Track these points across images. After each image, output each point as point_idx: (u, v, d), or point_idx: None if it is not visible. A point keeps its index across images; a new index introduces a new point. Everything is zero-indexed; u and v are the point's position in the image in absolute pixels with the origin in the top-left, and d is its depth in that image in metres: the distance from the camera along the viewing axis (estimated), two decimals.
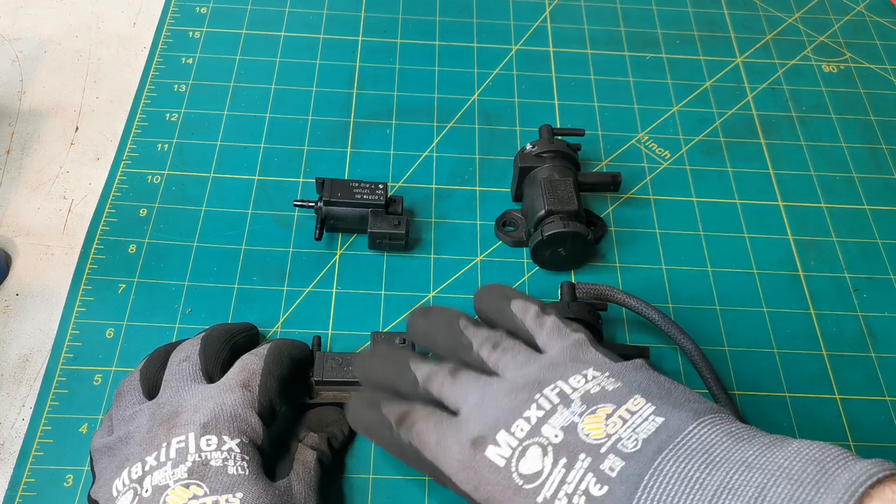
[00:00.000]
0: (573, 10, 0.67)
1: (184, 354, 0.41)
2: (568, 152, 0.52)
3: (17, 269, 0.50)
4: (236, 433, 0.37)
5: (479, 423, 0.34)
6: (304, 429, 0.42)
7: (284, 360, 0.42)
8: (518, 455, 0.33)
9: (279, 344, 0.43)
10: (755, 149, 0.59)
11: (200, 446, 0.36)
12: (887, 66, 0.65)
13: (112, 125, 0.58)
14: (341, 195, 0.50)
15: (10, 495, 0.41)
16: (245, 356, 0.41)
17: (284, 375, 0.41)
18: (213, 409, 0.37)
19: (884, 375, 0.49)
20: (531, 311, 0.39)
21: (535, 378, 0.35)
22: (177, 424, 0.37)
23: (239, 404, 0.38)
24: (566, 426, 0.33)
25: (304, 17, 0.65)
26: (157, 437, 0.36)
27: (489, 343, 0.38)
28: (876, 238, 0.55)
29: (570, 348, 0.36)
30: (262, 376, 0.40)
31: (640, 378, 0.34)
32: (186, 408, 0.38)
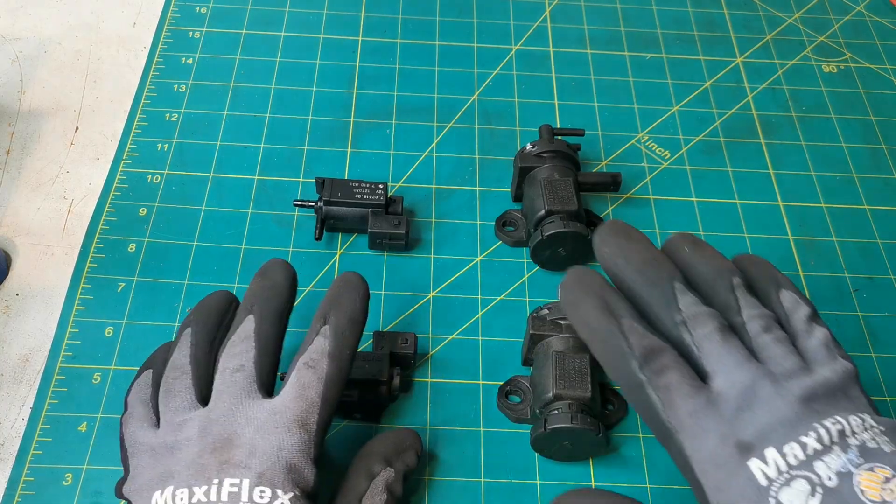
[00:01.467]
0: (573, 10, 0.67)
1: (237, 362, 0.38)
2: (568, 152, 0.52)
3: (17, 269, 0.50)
4: (290, 486, 0.35)
5: (748, 422, 0.31)
6: (378, 458, 0.39)
7: (345, 372, 0.38)
8: (783, 482, 0.30)
9: (341, 347, 0.38)
10: (755, 149, 0.59)
11: (254, 497, 0.34)
12: (887, 66, 0.65)
13: (112, 125, 0.58)
14: (341, 195, 0.50)
15: (10, 494, 0.41)
16: (302, 371, 0.37)
17: (342, 390, 0.38)
18: (269, 454, 0.35)
19: (884, 375, 0.49)
20: (803, 312, 0.35)
21: (812, 394, 0.32)
22: (230, 462, 0.35)
23: (296, 451, 0.35)
24: (842, 472, 0.30)
25: (304, 17, 0.65)
26: (208, 467, 0.34)
27: (761, 321, 0.34)
28: (876, 238, 0.55)
29: (843, 376, 0.33)
30: (321, 409, 0.37)
31: None
32: (242, 439, 0.35)
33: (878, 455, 0.30)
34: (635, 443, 0.45)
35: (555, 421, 0.41)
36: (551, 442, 0.43)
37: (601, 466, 0.44)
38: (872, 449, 0.30)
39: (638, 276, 0.36)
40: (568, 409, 0.42)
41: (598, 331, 0.34)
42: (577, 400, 0.42)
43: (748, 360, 0.33)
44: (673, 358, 0.33)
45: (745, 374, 0.32)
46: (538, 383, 0.44)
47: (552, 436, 0.42)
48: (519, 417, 0.45)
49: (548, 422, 0.42)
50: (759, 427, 0.31)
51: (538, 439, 0.42)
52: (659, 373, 0.32)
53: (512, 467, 0.44)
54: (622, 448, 0.45)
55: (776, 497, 0.30)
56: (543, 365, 0.44)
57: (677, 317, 0.34)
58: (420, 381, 0.47)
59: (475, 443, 0.45)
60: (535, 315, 0.46)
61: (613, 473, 0.44)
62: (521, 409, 0.46)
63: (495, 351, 0.48)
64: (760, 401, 0.32)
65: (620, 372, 0.33)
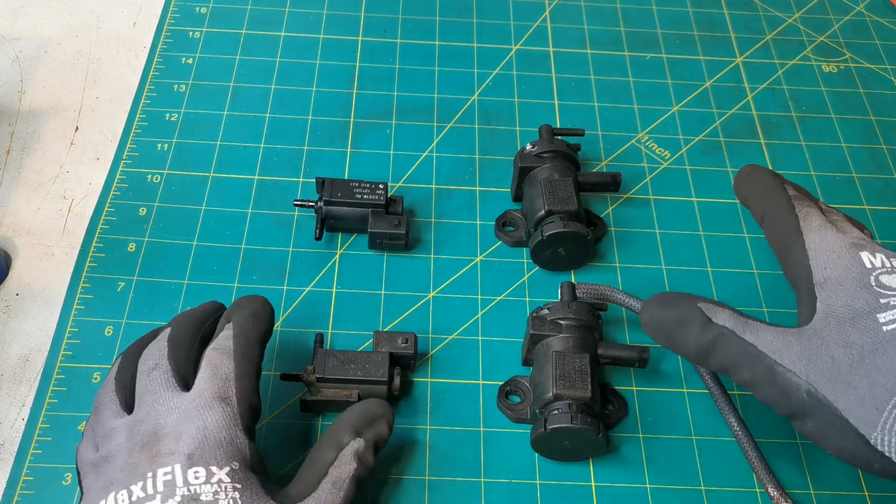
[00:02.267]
0: (573, 10, 0.67)
1: (152, 362, 0.38)
2: (568, 152, 0.52)
3: (17, 269, 0.50)
4: (224, 460, 0.35)
5: (864, 241, 0.39)
6: (346, 428, 0.39)
7: (254, 349, 0.39)
8: (886, 270, 0.37)
9: (243, 326, 0.40)
10: (755, 149, 0.59)
11: (188, 479, 0.34)
12: (887, 66, 0.65)
13: (112, 125, 0.58)
14: (341, 195, 0.50)
15: (9, 493, 0.41)
16: (210, 354, 0.39)
17: (258, 366, 0.39)
18: (195, 435, 0.35)
19: None
20: None
21: None
22: (160, 453, 0.35)
23: (222, 426, 0.36)
24: None
25: (304, 17, 0.65)
26: (140, 464, 0.35)
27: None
28: (876, 238, 0.55)
29: None
30: (237, 381, 0.38)
31: None
32: (166, 429, 0.36)
33: None
34: (635, 443, 0.45)
35: (555, 421, 0.41)
36: (551, 442, 0.42)
37: (601, 466, 0.44)
38: None
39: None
40: (568, 409, 0.42)
41: (768, 181, 0.43)
42: (577, 400, 0.42)
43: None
44: (814, 203, 0.42)
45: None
46: (538, 383, 0.44)
47: (552, 436, 0.42)
48: (519, 417, 0.45)
49: (548, 422, 0.42)
50: (872, 244, 0.39)
51: (538, 439, 0.42)
52: (803, 205, 0.41)
53: (512, 467, 0.44)
54: (622, 448, 0.45)
55: (877, 277, 0.36)
56: (543, 365, 0.44)
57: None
58: (420, 381, 0.47)
59: (475, 443, 0.45)
60: (535, 315, 0.46)
61: (613, 473, 0.44)
62: (521, 409, 0.46)
63: (495, 351, 0.48)
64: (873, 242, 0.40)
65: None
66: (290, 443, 0.44)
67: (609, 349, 0.45)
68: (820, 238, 0.39)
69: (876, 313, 0.35)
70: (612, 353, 0.45)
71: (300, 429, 0.45)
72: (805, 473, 0.45)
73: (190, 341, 0.40)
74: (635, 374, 0.48)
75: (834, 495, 0.44)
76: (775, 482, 0.43)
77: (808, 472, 0.45)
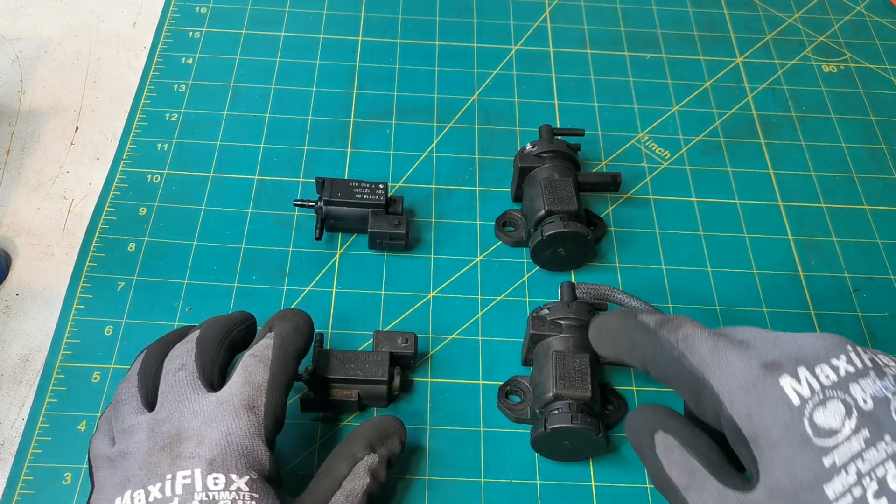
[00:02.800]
0: (573, 10, 0.67)
1: (179, 362, 0.38)
2: (568, 152, 0.52)
3: (17, 269, 0.50)
4: (245, 469, 0.35)
5: (773, 349, 0.31)
6: (361, 443, 0.39)
7: (291, 363, 0.39)
8: (817, 402, 0.29)
9: (285, 343, 0.40)
10: (755, 149, 0.59)
11: (208, 485, 0.34)
12: (887, 66, 0.65)
13: (112, 125, 0.58)
14: (341, 195, 0.50)
15: (9, 493, 0.41)
16: (248, 360, 0.38)
17: (291, 380, 0.39)
18: (218, 441, 0.35)
19: None
20: None
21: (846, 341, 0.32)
22: (181, 455, 0.35)
23: (245, 434, 0.36)
24: (878, 397, 0.29)
25: (304, 17, 0.65)
26: (160, 464, 0.35)
27: None
28: (876, 238, 0.55)
29: None
30: (268, 392, 0.37)
31: None
32: (189, 432, 0.36)
33: None
34: None
35: (555, 421, 0.41)
36: (551, 442, 0.42)
37: (601, 466, 0.44)
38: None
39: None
40: (568, 409, 0.42)
41: (617, 327, 0.37)
42: (578, 400, 0.42)
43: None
44: (685, 318, 0.35)
45: (760, 333, 0.33)
46: (538, 383, 0.44)
47: (552, 436, 0.42)
48: (519, 417, 0.45)
49: (548, 422, 0.42)
50: (786, 351, 0.31)
51: (538, 439, 0.42)
52: (676, 328, 0.34)
53: (512, 467, 0.44)
54: (622, 448, 0.45)
55: (810, 417, 0.29)
56: (543, 365, 0.44)
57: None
58: (420, 381, 0.47)
59: (475, 443, 0.45)
60: (535, 315, 0.46)
61: (613, 473, 0.44)
62: (522, 409, 0.46)
63: (495, 351, 0.48)
64: (783, 337, 0.32)
65: (640, 347, 0.35)
66: (290, 442, 0.44)
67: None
68: (723, 373, 0.32)
69: (822, 484, 0.28)
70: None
71: (300, 428, 0.45)
72: None
73: (218, 345, 0.40)
74: (635, 374, 0.48)
75: None
76: None
77: None
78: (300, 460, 0.43)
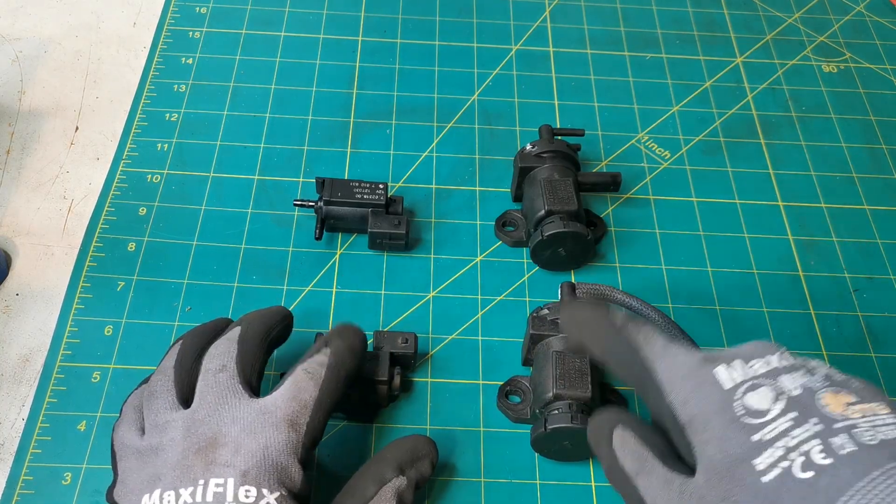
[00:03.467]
0: (573, 10, 0.67)
1: (219, 362, 0.38)
2: (568, 152, 0.52)
3: (17, 269, 0.50)
4: (277, 485, 0.34)
5: (717, 352, 0.34)
6: (391, 464, 0.38)
7: (341, 386, 0.38)
8: (748, 387, 0.31)
9: (340, 364, 0.39)
10: (755, 149, 0.59)
11: (239, 496, 0.33)
12: (887, 66, 0.65)
13: (112, 125, 0.58)
14: (341, 195, 0.50)
15: (9, 493, 0.41)
16: (300, 375, 0.38)
17: (337, 402, 0.38)
18: (255, 452, 0.35)
19: (884, 375, 0.48)
20: None
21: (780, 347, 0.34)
22: (216, 462, 0.34)
23: (283, 450, 0.35)
24: (806, 387, 0.31)
25: (304, 17, 0.65)
26: (193, 468, 0.34)
27: None
28: (876, 238, 0.55)
29: None
30: (313, 412, 0.37)
31: (886, 397, 0.32)
32: (227, 438, 0.35)
33: (843, 384, 0.31)
34: None
35: (555, 421, 0.41)
36: (551, 442, 0.42)
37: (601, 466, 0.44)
38: (839, 380, 0.32)
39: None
40: (568, 409, 0.42)
41: (589, 316, 0.38)
42: (577, 400, 0.42)
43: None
44: (650, 324, 0.37)
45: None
46: (538, 383, 0.44)
47: (552, 436, 0.42)
48: (519, 417, 0.45)
49: (548, 422, 0.42)
50: (726, 351, 0.34)
51: (538, 439, 0.42)
52: (639, 327, 0.36)
53: (512, 467, 0.44)
54: None
55: (741, 399, 0.31)
56: (543, 365, 0.44)
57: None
58: (420, 381, 0.47)
59: (475, 443, 0.45)
60: (535, 315, 0.46)
61: None
62: (521, 409, 0.46)
63: (495, 351, 0.48)
64: (727, 348, 0.35)
65: (603, 339, 0.37)
66: None
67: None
68: (668, 364, 0.34)
69: (751, 459, 0.30)
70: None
71: None
72: None
73: (258, 347, 0.39)
74: None
75: None
76: None
77: None
78: None
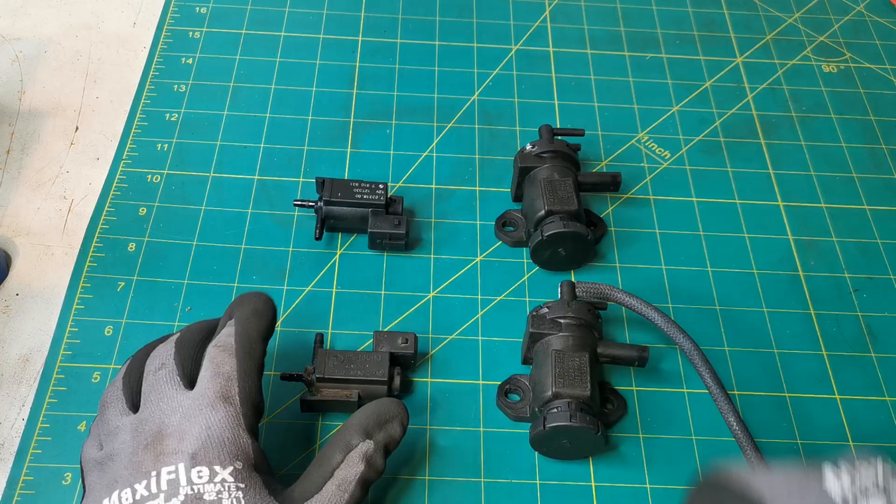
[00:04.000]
0: (573, 10, 0.67)
1: (159, 362, 0.39)
2: (568, 152, 0.52)
3: (17, 269, 0.50)
4: (228, 460, 0.35)
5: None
6: (356, 430, 0.39)
7: (256, 347, 0.39)
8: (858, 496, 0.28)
9: (245, 323, 0.40)
10: (755, 149, 0.59)
11: (192, 479, 0.34)
12: (887, 66, 0.65)
13: (112, 125, 0.58)
14: (341, 195, 0.50)
15: (9, 493, 0.41)
16: (212, 352, 0.39)
17: (260, 364, 0.39)
18: (198, 434, 0.35)
19: (884, 375, 0.48)
20: None
21: None
22: (164, 452, 0.35)
23: (225, 426, 0.36)
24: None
25: (304, 17, 0.65)
26: (144, 462, 0.35)
27: None
28: (876, 238, 0.55)
29: None
30: (240, 380, 0.37)
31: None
32: (170, 428, 0.36)
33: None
34: (636, 442, 0.45)
35: (554, 419, 0.41)
36: (550, 440, 0.42)
37: (601, 466, 0.44)
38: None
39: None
40: (567, 408, 0.42)
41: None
42: (577, 398, 0.42)
43: None
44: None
45: None
46: (538, 382, 0.44)
47: (551, 434, 0.42)
48: (518, 416, 0.45)
49: (547, 420, 0.42)
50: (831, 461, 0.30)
51: (537, 437, 0.42)
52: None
53: (512, 467, 0.44)
54: (622, 447, 0.45)
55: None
56: (543, 363, 0.44)
57: None
58: (420, 381, 0.47)
59: (475, 443, 0.45)
60: (535, 314, 0.46)
61: (614, 473, 0.44)
62: (521, 408, 0.46)
63: (495, 351, 0.48)
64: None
65: None
66: (290, 443, 0.44)
67: (608, 348, 0.45)
68: (768, 481, 0.29)
69: None
70: (611, 351, 0.45)
71: (300, 429, 0.44)
72: None
73: (197, 343, 0.40)
74: (635, 374, 0.48)
75: None
76: None
77: None
78: (300, 460, 0.43)
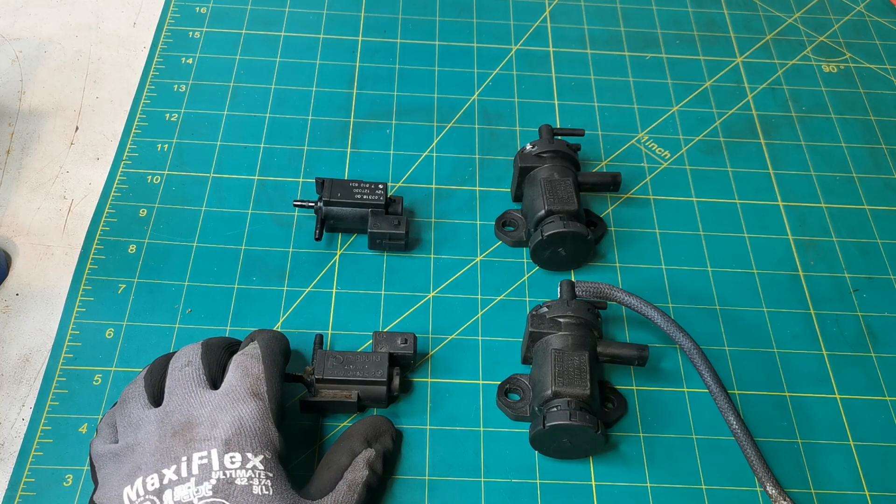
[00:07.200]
0: (573, 10, 0.67)
1: (185, 360, 0.40)
2: (568, 152, 0.52)
3: (17, 269, 0.50)
4: (259, 449, 0.37)
5: None
6: (359, 438, 0.41)
7: (278, 359, 0.42)
8: None
9: (268, 342, 0.42)
10: (755, 149, 0.59)
11: (225, 464, 0.35)
12: (887, 66, 0.65)
13: (112, 125, 0.58)
14: (341, 195, 0.50)
15: (10, 495, 0.41)
16: (239, 358, 0.41)
17: (282, 372, 0.42)
18: (232, 423, 0.37)
19: (884, 375, 0.49)
20: None
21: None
22: (195, 438, 0.36)
23: (257, 417, 0.38)
24: None
25: (304, 17, 0.65)
26: (173, 448, 0.36)
27: None
28: (876, 238, 0.55)
29: None
30: (267, 381, 0.40)
31: None
32: (200, 419, 0.37)
33: None
34: (636, 441, 0.45)
35: (554, 418, 0.41)
36: (550, 439, 0.43)
37: (602, 465, 0.44)
38: None
39: None
40: (567, 407, 0.42)
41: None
42: (576, 397, 0.42)
43: None
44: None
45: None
46: (537, 381, 0.44)
47: (551, 433, 0.42)
48: (518, 415, 0.45)
49: (547, 419, 0.42)
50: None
51: (537, 436, 0.43)
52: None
53: (512, 467, 0.44)
54: (622, 446, 0.45)
55: None
56: (543, 363, 0.44)
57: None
58: (420, 381, 0.47)
59: (475, 442, 0.45)
60: (535, 313, 0.46)
61: (614, 472, 0.44)
62: (521, 407, 0.46)
63: (495, 351, 0.48)
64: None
65: None
66: (290, 443, 0.44)
67: (608, 347, 0.45)
68: None
69: None
70: (611, 351, 0.45)
71: (300, 429, 0.45)
72: (805, 472, 0.45)
73: (222, 350, 0.42)
74: (635, 373, 0.48)
75: (834, 494, 0.44)
76: (774, 480, 0.43)
77: (808, 470, 0.45)
78: (300, 461, 0.43)
